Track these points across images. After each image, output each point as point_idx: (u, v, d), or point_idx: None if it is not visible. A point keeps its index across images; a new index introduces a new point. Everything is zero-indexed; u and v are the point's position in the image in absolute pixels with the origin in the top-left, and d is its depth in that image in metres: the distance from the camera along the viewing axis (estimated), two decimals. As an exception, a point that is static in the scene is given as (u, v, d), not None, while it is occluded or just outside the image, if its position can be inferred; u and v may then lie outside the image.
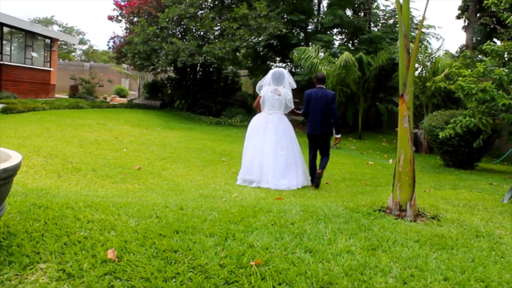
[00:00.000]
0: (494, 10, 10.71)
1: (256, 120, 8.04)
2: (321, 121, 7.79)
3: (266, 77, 8.05)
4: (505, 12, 10.49)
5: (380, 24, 21.90)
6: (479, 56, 17.60)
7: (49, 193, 4.58)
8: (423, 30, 20.82)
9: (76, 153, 8.44)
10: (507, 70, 9.77)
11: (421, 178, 9.41)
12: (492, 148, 11.95)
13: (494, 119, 10.01)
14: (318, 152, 8.14)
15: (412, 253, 3.22)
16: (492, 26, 21.81)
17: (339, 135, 8.20)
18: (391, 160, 12.18)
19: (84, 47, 53.76)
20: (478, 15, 21.76)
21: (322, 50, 17.53)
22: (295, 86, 8.11)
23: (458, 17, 23.03)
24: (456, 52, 21.98)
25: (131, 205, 4.05)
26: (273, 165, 7.53)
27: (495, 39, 22.00)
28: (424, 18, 4.92)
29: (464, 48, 21.56)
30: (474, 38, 22.07)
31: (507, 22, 9.91)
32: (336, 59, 17.25)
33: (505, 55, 10.37)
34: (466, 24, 22.46)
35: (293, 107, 8.01)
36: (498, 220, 4.83)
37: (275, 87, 7.84)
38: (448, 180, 9.10)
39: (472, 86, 9.45)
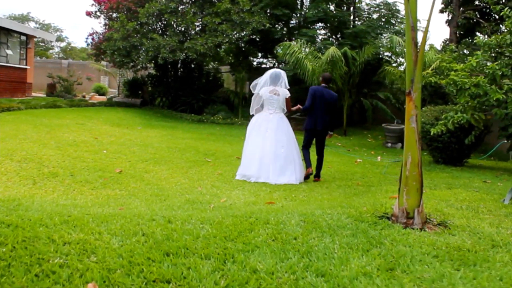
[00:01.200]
0: (487, 2, 10.47)
1: (256, 119, 8.30)
2: (324, 118, 8.21)
3: (263, 77, 8.31)
4: (497, 6, 10.23)
5: (363, 19, 21.58)
6: (465, 50, 17.45)
7: (22, 205, 4.13)
8: (407, 24, 20.58)
9: (53, 156, 7.95)
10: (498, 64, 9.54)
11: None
12: (481, 144, 11.73)
13: (485, 115, 9.78)
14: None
15: (434, 273, 2.85)
16: (475, 20, 21.72)
17: (332, 132, 8.72)
18: (379, 158, 11.90)
19: (62, 44, 52.61)
20: (461, 9, 21.65)
21: (307, 45, 17.15)
22: (288, 87, 8.32)
23: (442, 11, 22.89)
24: (441, 46, 21.85)
25: (113, 219, 3.63)
26: (273, 163, 7.84)
27: (477, 33, 21.95)
28: (433, 6, 4.56)
29: (448, 42, 21.42)
30: (457, 32, 21.95)
31: (501, 14, 9.64)
32: (320, 54, 16.91)
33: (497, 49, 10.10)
34: (449, 18, 22.33)
35: (285, 110, 8.30)
36: (508, 226, 4.51)
37: (273, 87, 8.15)
38: (441, 179, 8.82)
39: (465, 81, 9.17)
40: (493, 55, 10.12)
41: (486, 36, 20.19)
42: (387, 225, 3.98)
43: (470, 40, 21.65)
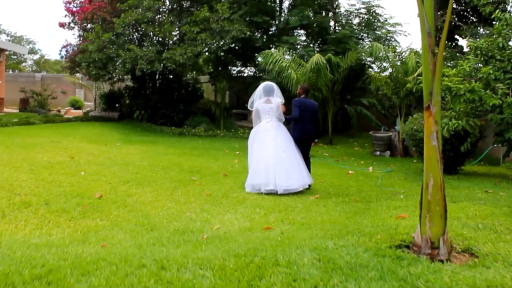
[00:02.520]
0: (474, 4, 10.18)
1: (256, 130, 8.55)
2: (311, 127, 8.62)
3: (257, 91, 8.59)
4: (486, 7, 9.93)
5: (343, 24, 21.21)
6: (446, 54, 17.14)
7: (-13, 250, 3.54)
8: (389, 28, 20.33)
9: (26, 181, 7.29)
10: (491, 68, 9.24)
11: (410, 188, 8.70)
12: (475, 150, 11.36)
13: (480, 121, 9.44)
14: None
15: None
16: (454, 23, 21.56)
17: (317, 140, 9.29)
18: (371, 168, 11.44)
19: (35, 57, 51.43)
20: (439, 12, 21.44)
21: (288, 52, 16.67)
22: (283, 101, 8.64)
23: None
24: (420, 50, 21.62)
25: (96, 267, 3.06)
26: (278, 167, 7.95)
27: (456, 36, 21.81)
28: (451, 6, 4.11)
29: (428, 46, 21.12)
30: (437, 36, 21.72)
31: (492, 16, 9.32)
32: (303, 61, 16.45)
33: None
34: (429, 21, 22.04)
35: (283, 119, 8.59)
36: (538, 250, 4.06)
37: (267, 98, 8.46)
38: (441, 190, 8.40)
39: (460, 87, 8.81)
40: (485, 59, 9.80)
41: (465, 39, 20.06)
42: (413, 260, 3.48)
43: (450, 43, 21.47)
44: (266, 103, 8.43)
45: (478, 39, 17.58)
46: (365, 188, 8.73)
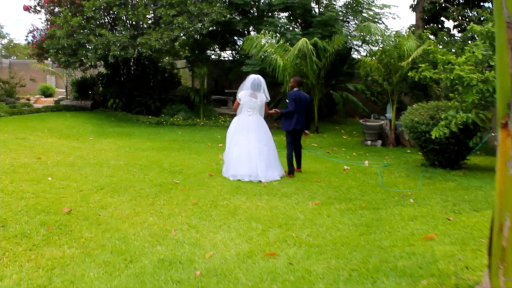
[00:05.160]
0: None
1: (237, 122, 8.90)
2: (304, 118, 9.01)
3: (245, 82, 8.85)
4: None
5: (326, 6, 20.17)
6: (430, 36, 16.32)
7: None
8: (376, 10, 19.36)
9: (-19, 194, 6.22)
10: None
11: (416, 189, 7.84)
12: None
13: (490, 113, 8.63)
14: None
15: None
16: (440, 5, 20.73)
17: (308, 131, 9.57)
18: (366, 162, 10.57)
19: (4, 41, 49.15)
20: (425, -9, 20.59)
21: (274, 36, 15.58)
22: (269, 99, 9.04)
23: (406, -4, 21.76)
24: (408, 32, 20.76)
25: None
26: (260, 160, 8.42)
27: (443, 18, 20.99)
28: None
29: (414, 28, 20.31)
30: (423, 18, 20.89)
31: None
32: (288, 44, 15.41)
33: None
34: (415, 3, 21.22)
35: (263, 113, 8.96)
36: None
37: (253, 92, 8.74)
38: (453, 192, 7.53)
39: (474, 76, 7.95)
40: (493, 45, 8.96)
41: (451, 20, 19.32)
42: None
43: (436, 26, 20.67)
44: (251, 97, 8.71)
45: (465, 21, 16.81)
46: (367, 189, 7.84)
